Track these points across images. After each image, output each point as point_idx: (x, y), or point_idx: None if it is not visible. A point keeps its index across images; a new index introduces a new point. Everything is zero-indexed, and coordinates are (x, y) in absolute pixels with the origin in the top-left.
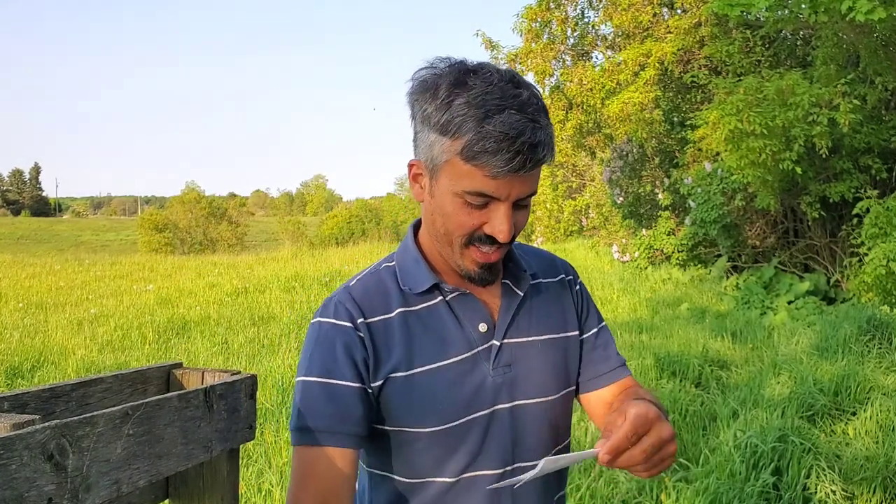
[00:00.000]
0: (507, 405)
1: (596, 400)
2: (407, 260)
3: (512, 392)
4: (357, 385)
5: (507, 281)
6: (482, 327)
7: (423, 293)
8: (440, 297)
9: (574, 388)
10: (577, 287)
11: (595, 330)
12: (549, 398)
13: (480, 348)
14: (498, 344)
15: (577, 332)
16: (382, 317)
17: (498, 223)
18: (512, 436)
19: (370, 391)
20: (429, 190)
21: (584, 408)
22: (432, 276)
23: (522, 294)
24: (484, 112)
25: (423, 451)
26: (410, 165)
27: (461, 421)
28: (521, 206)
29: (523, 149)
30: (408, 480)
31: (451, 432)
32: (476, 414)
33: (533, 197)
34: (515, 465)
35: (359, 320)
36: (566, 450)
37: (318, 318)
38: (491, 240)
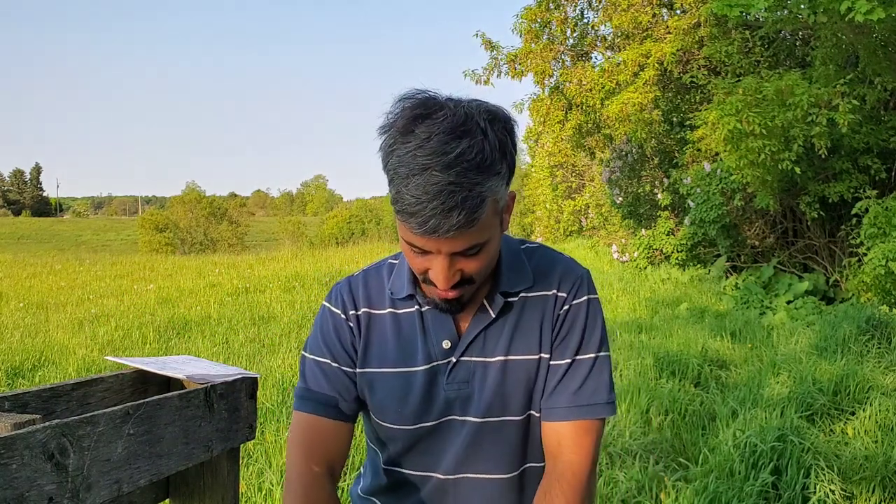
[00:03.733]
0: (459, 418)
1: (543, 429)
2: (401, 264)
3: (465, 407)
4: (338, 366)
5: (485, 300)
6: (446, 344)
7: (404, 299)
8: (416, 307)
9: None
10: (567, 307)
11: (569, 360)
12: (508, 418)
13: (439, 363)
14: (455, 361)
15: (548, 355)
16: (373, 311)
17: (434, 274)
18: (463, 447)
19: (354, 375)
20: None
21: None
22: (410, 287)
23: (494, 315)
24: (408, 171)
25: (388, 441)
26: None
27: (412, 427)
28: (468, 255)
29: (436, 213)
30: (381, 464)
31: (406, 433)
32: (427, 423)
33: (488, 245)
34: (464, 475)
35: (350, 311)
36: (536, 471)
37: (324, 302)
38: None
